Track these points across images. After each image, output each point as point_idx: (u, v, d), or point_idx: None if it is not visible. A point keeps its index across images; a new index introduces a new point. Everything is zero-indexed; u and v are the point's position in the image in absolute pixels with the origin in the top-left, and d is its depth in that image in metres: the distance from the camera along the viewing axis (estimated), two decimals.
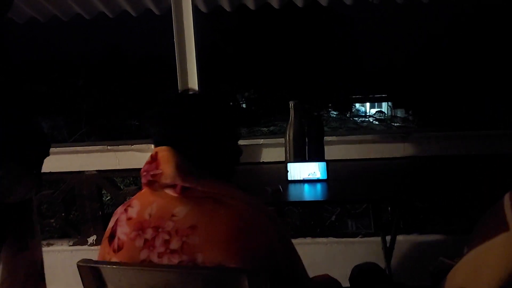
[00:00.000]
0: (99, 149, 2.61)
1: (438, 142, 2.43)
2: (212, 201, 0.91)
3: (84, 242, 2.75)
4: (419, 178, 1.95)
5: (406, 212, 2.53)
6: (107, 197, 4.07)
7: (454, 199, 2.42)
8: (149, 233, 0.90)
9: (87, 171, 2.67)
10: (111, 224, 0.99)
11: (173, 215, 0.89)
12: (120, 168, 2.63)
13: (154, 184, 0.94)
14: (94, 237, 2.74)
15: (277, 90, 14.92)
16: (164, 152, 0.95)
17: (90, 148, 2.63)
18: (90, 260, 0.94)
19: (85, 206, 2.72)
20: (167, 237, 0.87)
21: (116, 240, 0.94)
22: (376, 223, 2.37)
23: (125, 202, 1.05)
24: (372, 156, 2.48)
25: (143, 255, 0.89)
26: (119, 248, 0.93)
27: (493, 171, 2.28)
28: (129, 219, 0.94)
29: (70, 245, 2.76)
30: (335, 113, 15.79)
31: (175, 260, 0.86)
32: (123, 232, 0.93)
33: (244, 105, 17.72)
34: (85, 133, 8.74)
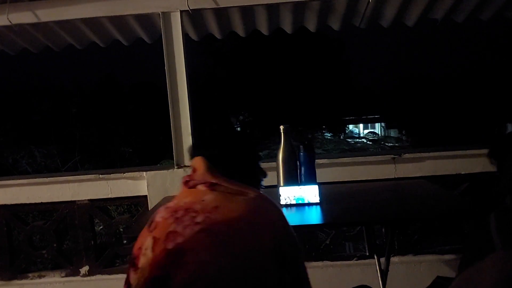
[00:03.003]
0: (90, 178, 2.61)
1: (429, 162, 2.45)
2: (233, 194, 1.10)
3: (76, 273, 2.71)
4: (411, 199, 1.96)
5: (401, 233, 2.53)
6: (100, 226, 4.03)
7: (448, 219, 2.42)
8: (180, 213, 1.06)
9: (79, 200, 2.66)
10: (152, 216, 1.14)
11: (202, 200, 1.08)
12: (112, 196, 2.62)
13: (189, 182, 1.14)
14: (86, 268, 2.70)
15: (272, 113, 15.03)
16: (197, 160, 1.19)
17: (82, 177, 2.63)
18: None
19: (78, 236, 2.69)
20: (194, 214, 1.04)
21: (154, 223, 1.09)
22: (370, 245, 2.36)
23: None
24: (364, 178, 2.50)
25: (171, 227, 1.03)
26: (155, 228, 1.07)
27: (483, 189, 2.30)
28: (167, 208, 1.11)
29: (62, 277, 2.71)
30: (329, 134, 15.90)
31: (196, 228, 1.00)
32: (160, 216, 1.10)
33: (239, 129, 17.81)
34: (78, 161, 8.70)
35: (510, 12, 2.87)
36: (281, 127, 2.08)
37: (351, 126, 25.80)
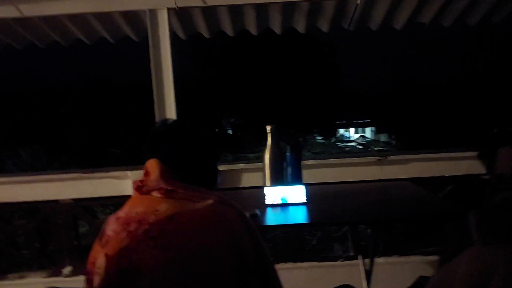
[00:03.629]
0: (74, 176, 2.57)
1: (414, 164, 2.46)
2: (190, 201, 1.03)
3: (58, 274, 2.66)
4: (396, 201, 1.96)
5: (386, 235, 2.54)
6: (85, 227, 3.98)
7: (431, 221, 2.43)
8: (133, 226, 0.99)
9: (62, 199, 2.61)
10: (103, 227, 1.07)
11: (156, 210, 1.00)
12: (96, 196, 2.59)
13: (142, 188, 1.06)
14: (69, 268, 2.65)
15: (263, 116, 15.04)
16: (151, 163, 1.10)
17: (65, 176, 2.59)
18: None
19: (61, 236, 2.65)
20: (148, 227, 0.97)
21: (105, 237, 1.02)
22: (355, 245, 2.36)
23: None
24: (350, 179, 2.49)
25: (124, 243, 0.97)
26: (106, 243, 1.01)
27: (467, 190, 2.32)
28: (118, 218, 1.04)
29: (44, 277, 2.66)
30: (320, 138, 15.98)
31: (151, 244, 0.94)
32: (111, 229, 1.02)
33: (230, 131, 17.79)
34: (65, 161, 8.61)
35: (496, 18, 2.90)
36: (268, 127, 2.07)
37: (342, 130, 25.99)
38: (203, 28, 2.86)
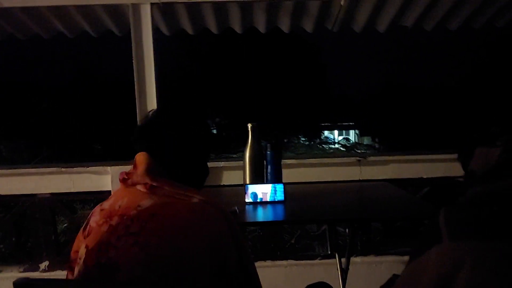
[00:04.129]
0: (52, 171, 2.54)
1: (393, 166, 2.50)
2: (174, 198, 1.02)
3: (35, 268, 2.63)
4: (374, 201, 1.99)
5: (363, 235, 2.57)
6: (65, 224, 3.93)
7: (407, 220, 2.48)
8: (115, 220, 0.99)
9: (40, 194, 2.58)
10: (88, 217, 1.08)
11: (138, 206, 0.99)
12: (75, 191, 2.56)
13: (127, 181, 1.05)
14: (46, 263, 2.63)
15: (248, 116, 15.05)
16: (140, 156, 1.09)
17: (43, 170, 2.56)
18: (27, 279, 0.92)
19: (38, 230, 2.61)
20: (129, 222, 0.96)
21: (88, 227, 1.03)
22: (332, 244, 2.39)
23: None
24: (331, 179, 2.52)
25: (104, 236, 0.97)
26: (88, 234, 1.01)
27: (444, 192, 2.36)
28: (102, 210, 1.04)
29: (20, 272, 2.62)
30: (304, 139, 16.05)
31: (130, 241, 0.93)
32: (95, 220, 1.03)
33: (214, 131, 17.75)
34: (46, 157, 8.47)
35: (476, 23, 2.97)
36: (249, 125, 2.08)
37: (326, 132, 26.15)
38: (187, 24, 2.85)
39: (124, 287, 0.95)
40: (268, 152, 2.06)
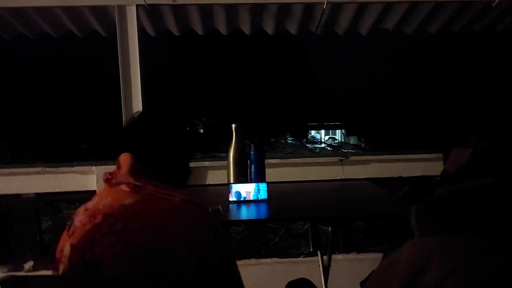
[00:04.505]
0: (37, 170, 2.54)
1: (374, 165, 2.56)
2: (157, 197, 1.05)
3: (20, 268, 2.63)
4: (355, 199, 2.04)
5: (346, 232, 2.63)
6: (48, 222, 3.91)
7: (387, 218, 2.54)
8: (99, 219, 1.01)
9: (25, 194, 2.58)
10: (73, 217, 1.10)
11: (122, 205, 1.01)
12: (60, 191, 2.56)
13: (111, 181, 1.08)
14: (31, 263, 2.62)
15: (235, 116, 15.06)
16: (124, 156, 1.12)
17: (28, 169, 2.55)
18: (13, 276, 0.94)
19: (22, 230, 2.61)
20: (113, 221, 0.98)
21: (72, 227, 1.05)
22: (314, 242, 2.44)
23: None
24: (313, 178, 2.57)
25: (89, 235, 0.99)
26: (73, 233, 1.03)
27: (423, 190, 2.43)
28: (86, 209, 1.06)
29: (4, 272, 2.62)
30: (291, 139, 16.15)
31: (114, 239, 0.95)
32: (79, 220, 1.05)
33: (201, 130, 17.72)
34: (29, 156, 8.38)
35: (455, 26, 3.05)
36: (233, 126, 2.12)
37: (313, 132, 26.31)
38: (172, 26, 2.87)
39: (109, 282, 0.97)
40: (252, 152, 2.11)
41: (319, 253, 2.13)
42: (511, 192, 0.94)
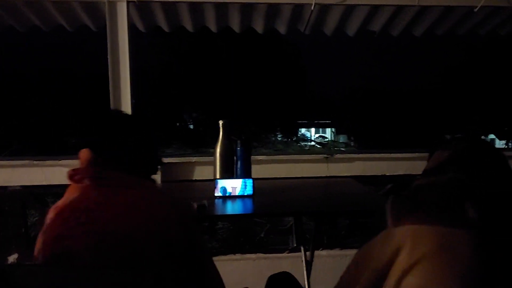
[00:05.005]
0: (24, 163, 2.54)
1: (358, 163, 2.62)
2: (119, 187, 1.09)
3: (4, 261, 2.62)
4: (339, 196, 2.10)
5: (330, 229, 2.69)
6: (35, 217, 3.90)
7: (369, 215, 2.60)
8: (66, 214, 1.05)
9: (11, 186, 2.58)
10: (45, 217, 1.13)
11: (87, 198, 1.07)
12: (46, 184, 2.57)
13: (75, 176, 1.12)
14: (15, 256, 2.63)
15: (225, 113, 15.07)
16: (83, 152, 1.16)
17: (15, 162, 2.55)
18: None
19: (8, 223, 2.62)
20: (78, 214, 1.03)
21: (44, 225, 1.09)
22: (298, 237, 2.49)
23: None
24: (299, 175, 2.62)
25: (58, 230, 1.03)
26: (45, 231, 1.07)
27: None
28: (55, 207, 1.10)
29: None
30: (281, 136, 16.22)
31: (81, 230, 1.00)
32: (49, 217, 1.09)
33: (191, 126, 17.70)
34: (16, 149, 8.30)
35: (440, 30, 3.11)
36: (220, 122, 2.16)
37: (303, 130, 26.39)
38: (163, 22, 2.89)
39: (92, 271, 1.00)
40: (238, 148, 2.14)
41: (302, 248, 2.18)
42: (480, 188, 1.00)
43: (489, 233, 0.93)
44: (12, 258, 2.63)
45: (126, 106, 2.49)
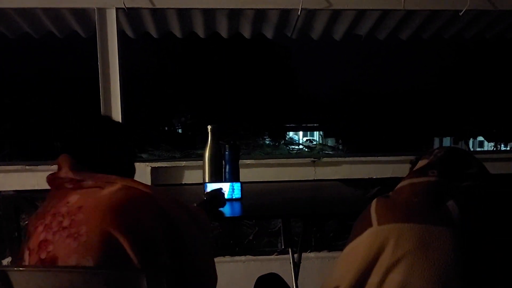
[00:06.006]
0: (17, 168, 2.55)
1: (345, 166, 2.67)
2: (97, 188, 1.09)
3: None
4: (326, 198, 2.14)
5: (318, 231, 2.73)
6: (27, 220, 3.90)
7: (356, 216, 2.65)
8: (48, 219, 1.06)
9: (4, 191, 2.59)
10: (28, 226, 1.14)
11: (67, 202, 1.07)
12: (39, 188, 2.58)
13: (55, 181, 1.13)
14: (9, 259, 2.64)
15: (213, 117, 15.09)
16: (62, 157, 1.17)
17: (8, 167, 2.57)
18: None
19: (1, 227, 2.63)
20: (61, 218, 1.04)
21: (28, 233, 1.10)
22: (286, 239, 2.53)
23: None
24: (287, 179, 2.67)
25: (42, 236, 1.04)
26: (28, 239, 1.09)
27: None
28: (37, 214, 1.12)
29: None
30: (269, 139, 16.26)
31: (64, 234, 1.01)
32: (31, 225, 1.11)
33: (180, 130, 17.68)
34: (7, 154, 8.24)
35: (425, 33, 3.19)
36: (209, 127, 2.19)
37: (291, 133, 26.46)
38: (151, 28, 2.92)
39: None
40: (227, 152, 2.18)
41: (290, 250, 2.22)
42: (459, 187, 1.06)
43: (469, 230, 0.99)
44: (6, 261, 2.63)
45: (116, 110, 2.52)
